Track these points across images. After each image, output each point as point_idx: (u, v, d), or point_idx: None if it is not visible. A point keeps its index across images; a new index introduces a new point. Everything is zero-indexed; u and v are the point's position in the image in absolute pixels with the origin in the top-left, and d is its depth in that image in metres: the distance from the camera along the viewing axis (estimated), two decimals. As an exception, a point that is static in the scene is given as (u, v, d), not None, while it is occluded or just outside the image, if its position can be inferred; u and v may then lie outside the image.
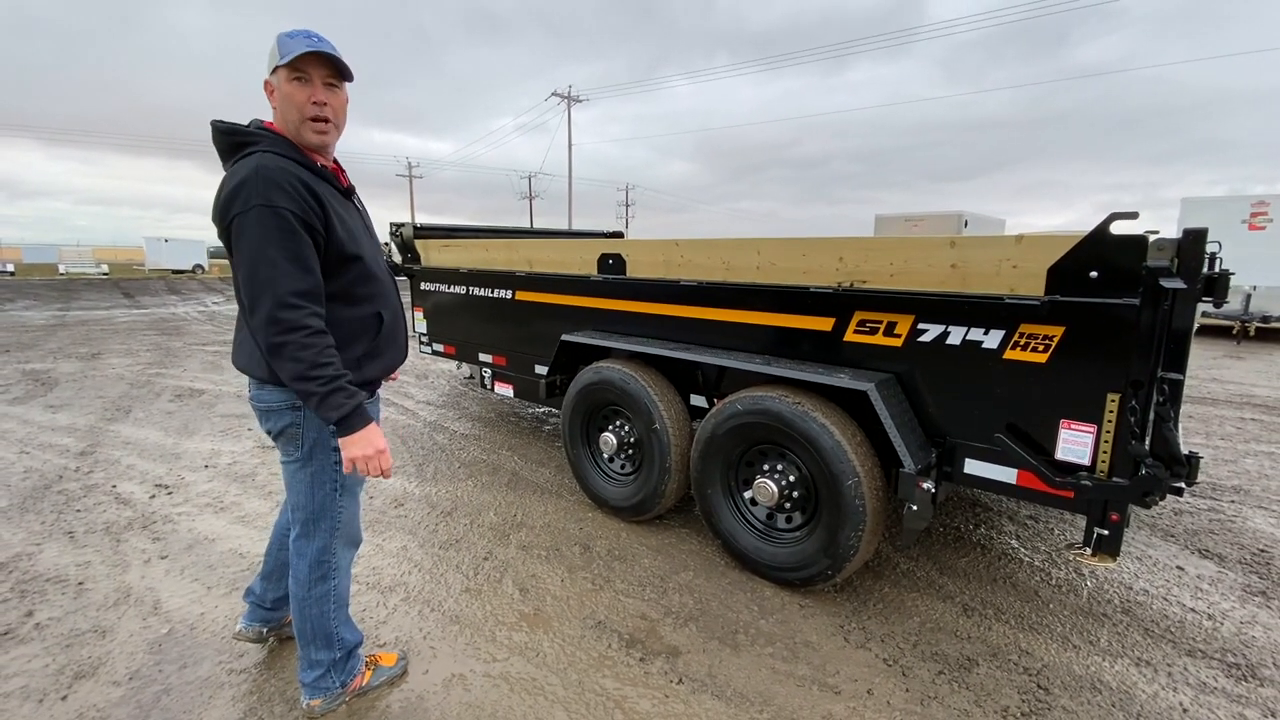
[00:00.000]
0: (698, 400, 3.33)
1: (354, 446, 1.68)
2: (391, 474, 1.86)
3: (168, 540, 3.19)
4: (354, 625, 2.10)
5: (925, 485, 2.28)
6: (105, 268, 32.10)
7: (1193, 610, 2.63)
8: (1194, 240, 1.84)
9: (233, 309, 15.42)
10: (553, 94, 34.45)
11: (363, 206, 2.02)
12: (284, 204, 1.59)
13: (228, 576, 2.85)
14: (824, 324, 2.67)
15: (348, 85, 1.81)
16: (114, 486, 3.88)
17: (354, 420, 1.66)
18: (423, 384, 6.86)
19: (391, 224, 4.97)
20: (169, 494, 3.78)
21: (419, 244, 4.90)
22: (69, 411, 5.55)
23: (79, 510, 3.54)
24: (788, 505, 2.72)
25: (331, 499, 1.91)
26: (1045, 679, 2.20)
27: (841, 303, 2.59)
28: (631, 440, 3.37)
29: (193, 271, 32.61)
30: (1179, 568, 2.97)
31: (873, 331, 2.54)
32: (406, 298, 4.39)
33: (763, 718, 2.01)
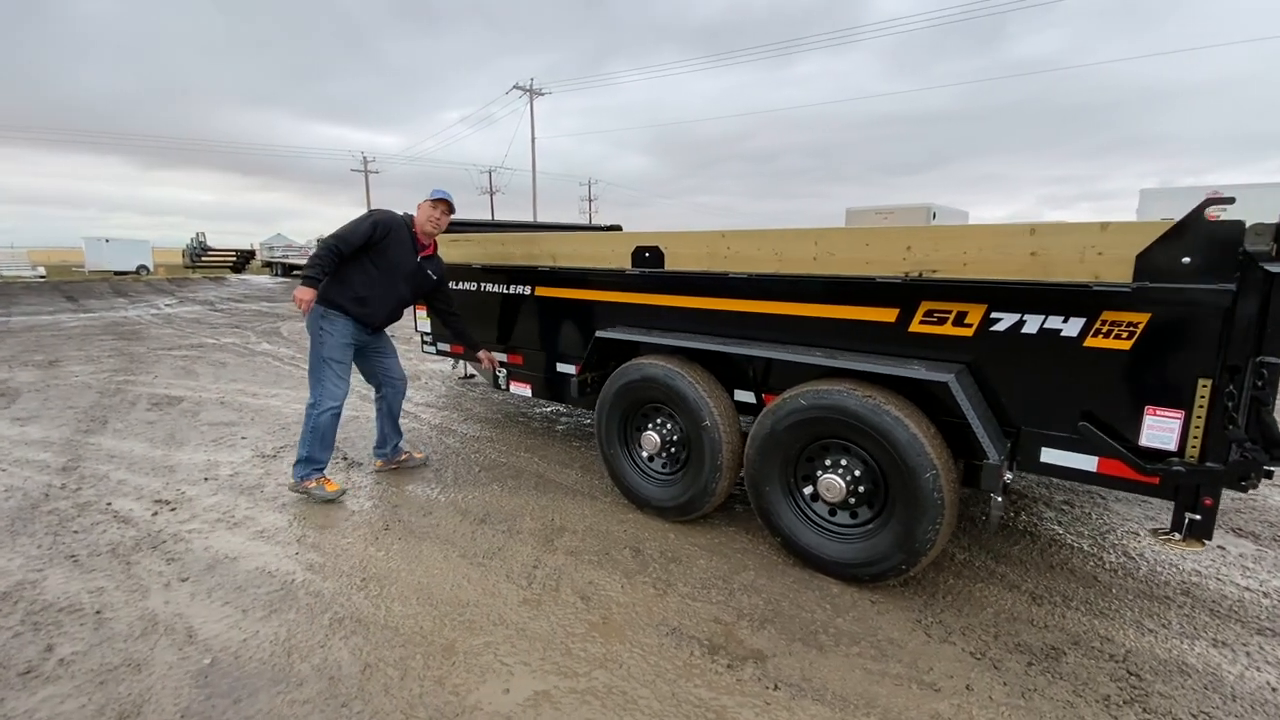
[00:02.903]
0: (742, 395, 3.25)
1: None
2: None
3: (184, 561, 2.96)
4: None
5: (1008, 476, 2.26)
6: (42, 270, 30.12)
7: (1247, 589, 2.69)
8: (1294, 225, 1.85)
9: (186, 310, 14.71)
10: (515, 86, 33.86)
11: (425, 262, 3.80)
12: None
13: (262, 598, 2.65)
14: (887, 315, 2.62)
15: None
16: (109, 504, 3.59)
17: None
18: (415, 384, 6.60)
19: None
20: (172, 510, 3.52)
21: (424, 239, 4.68)
22: (40, 424, 5.14)
23: (76, 531, 3.26)
24: (852, 501, 2.68)
25: None
26: (1133, 665, 2.21)
27: (907, 293, 2.55)
28: (674, 439, 3.28)
29: (137, 273, 30.90)
30: (1220, 547, 3.05)
31: (940, 321, 2.51)
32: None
33: (870, 721, 1.96)
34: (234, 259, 34.87)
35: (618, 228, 6.69)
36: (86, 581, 2.79)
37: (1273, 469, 2.02)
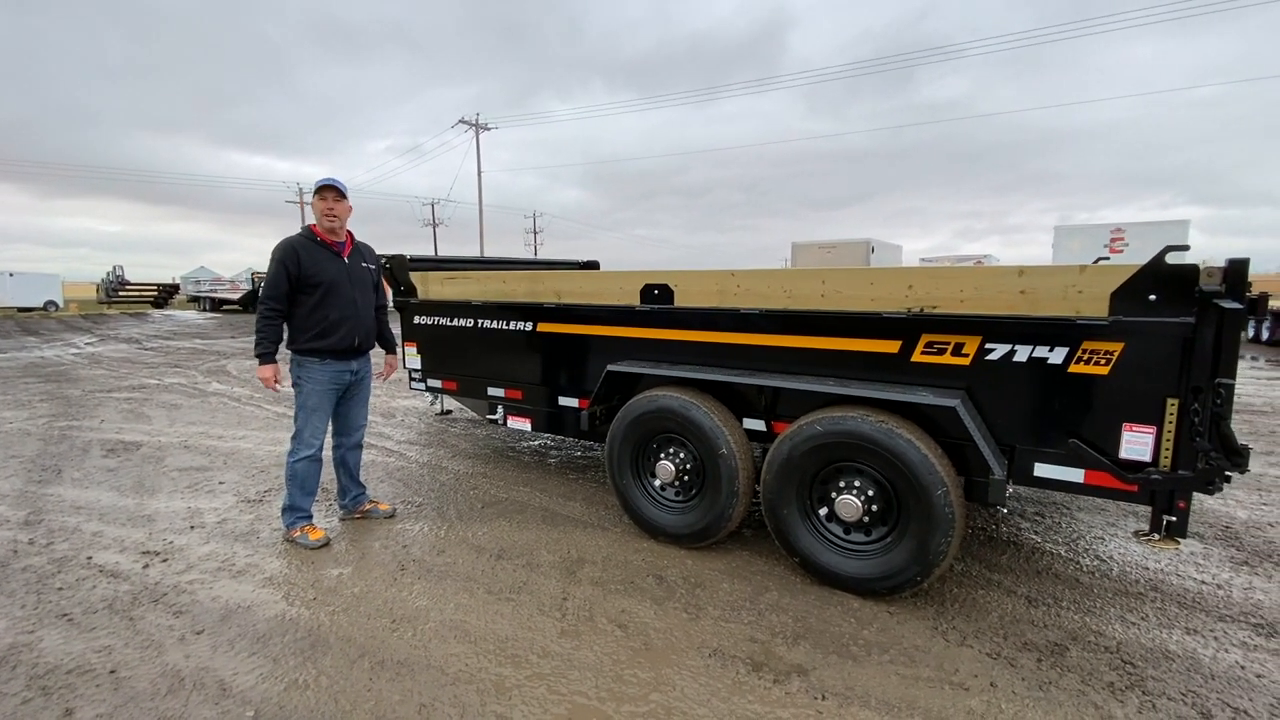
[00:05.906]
0: (750, 424, 3.43)
1: None
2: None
3: (193, 613, 2.85)
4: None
5: (1010, 489, 2.52)
6: (-71, 307, 27.49)
7: (1204, 582, 3.05)
8: (1239, 268, 2.22)
9: (111, 349, 13.81)
10: (460, 120, 33.95)
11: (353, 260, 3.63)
12: None
13: (290, 646, 2.59)
14: (890, 346, 2.88)
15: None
16: (90, 558, 3.39)
17: None
18: (392, 422, 6.49)
19: (381, 257, 4.74)
20: (164, 561, 3.36)
21: (415, 276, 4.71)
22: (-19, 476, 4.76)
23: (61, 588, 3.07)
24: (866, 519, 2.88)
25: None
26: (1126, 654, 2.48)
27: (909, 326, 2.82)
28: (688, 467, 3.42)
29: (45, 309, 28.71)
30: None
31: (940, 352, 2.78)
32: (396, 329, 4.22)
33: (915, 721, 2.12)
34: (155, 294, 32.88)
35: (595, 265, 6.87)
36: (90, 641, 2.64)
37: (1232, 474, 2.35)
